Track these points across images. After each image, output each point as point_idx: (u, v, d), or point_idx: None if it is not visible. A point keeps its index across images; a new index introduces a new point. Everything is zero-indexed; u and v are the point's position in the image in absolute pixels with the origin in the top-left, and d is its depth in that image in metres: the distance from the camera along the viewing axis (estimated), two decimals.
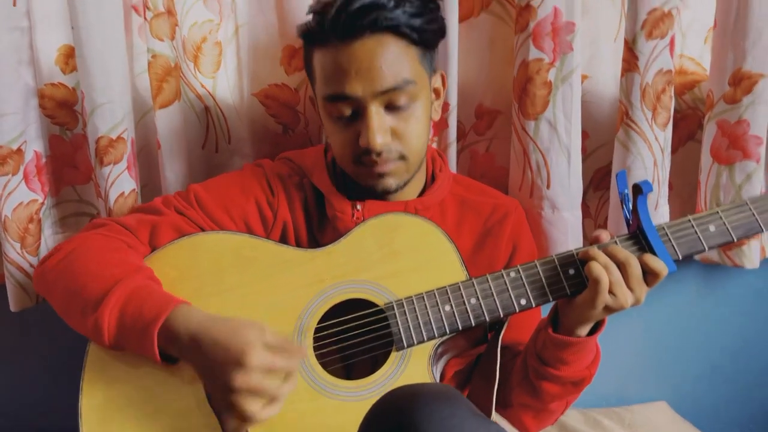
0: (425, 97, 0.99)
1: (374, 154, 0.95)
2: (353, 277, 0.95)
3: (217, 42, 1.21)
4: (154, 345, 0.83)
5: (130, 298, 0.86)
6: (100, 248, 0.94)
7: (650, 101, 1.12)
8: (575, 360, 0.95)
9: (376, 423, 0.67)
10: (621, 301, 0.86)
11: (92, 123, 1.11)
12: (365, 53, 0.92)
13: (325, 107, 0.98)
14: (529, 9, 1.11)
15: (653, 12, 1.09)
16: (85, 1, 1.07)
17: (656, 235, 0.88)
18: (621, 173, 0.92)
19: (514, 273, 0.91)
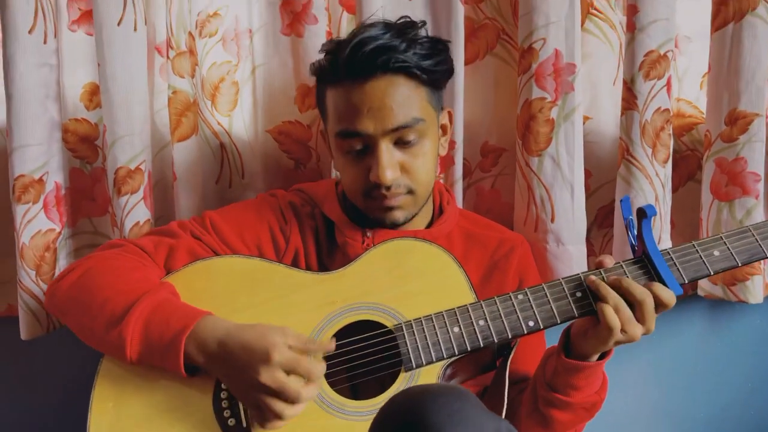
0: (433, 133, 1.04)
1: (383, 188, 0.99)
2: (363, 300, 0.96)
3: (234, 82, 1.27)
4: (180, 354, 0.86)
5: (155, 310, 0.89)
6: (119, 266, 0.97)
7: (650, 138, 1.17)
8: (585, 385, 0.95)
9: (387, 419, 0.67)
10: (632, 336, 0.89)
11: (112, 154, 1.16)
12: (377, 92, 0.96)
13: (337, 143, 1.02)
14: (531, 51, 1.17)
15: (650, 54, 1.14)
16: (111, 41, 1.13)
17: (662, 260, 0.90)
18: (625, 199, 0.95)
19: (522, 296, 0.92)
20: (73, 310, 0.96)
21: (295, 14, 1.20)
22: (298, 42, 1.21)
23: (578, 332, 0.92)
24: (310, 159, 1.27)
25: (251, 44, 1.24)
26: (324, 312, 0.96)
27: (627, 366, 1.41)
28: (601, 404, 0.99)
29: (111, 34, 1.13)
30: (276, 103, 1.25)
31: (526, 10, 1.16)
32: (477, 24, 1.26)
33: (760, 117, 1.17)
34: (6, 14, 1.10)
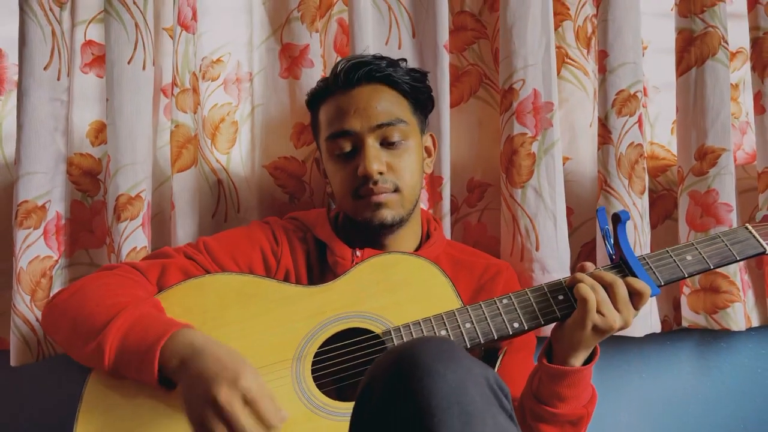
0: (417, 143, 1.13)
1: (371, 182, 1.05)
2: (352, 309, 0.99)
3: (233, 122, 1.35)
4: (154, 363, 0.85)
5: (135, 323, 0.89)
6: (109, 284, 0.99)
7: (625, 170, 1.24)
8: (572, 396, 0.96)
9: (381, 362, 0.68)
10: (610, 321, 0.90)
11: (114, 182, 1.21)
12: (362, 96, 1.09)
13: (328, 147, 1.11)
14: (512, 91, 1.26)
15: (621, 93, 1.24)
16: (121, 78, 1.22)
17: (637, 261, 0.94)
18: (601, 209, 1.00)
19: (506, 300, 0.95)
20: (62, 326, 0.97)
21: (293, 59, 1.30)
22: (295, 84, 1.30)
23: (556, 328, 0.94)
24: (303, 193, 1.32)
25: (251, 86, 1.33)
26: (314, 321, 0.98)
27: (619, 408, 1.40)
28: (588, 419, 0.99)
29: (121, 71, 1.22)
30: (273, 140, 1.32)
31: (506, 54, 1.27)
32: (461, 70, 1.36)
33: (727, 151, 1.25)
34: (25, 50, 1.19)
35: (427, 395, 0.62)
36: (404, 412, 0.62)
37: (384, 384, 0.65)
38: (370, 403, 0.65)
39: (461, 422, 0.60)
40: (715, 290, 1.26)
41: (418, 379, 0.63)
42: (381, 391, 0.65)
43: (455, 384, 0.62)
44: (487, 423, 0.62)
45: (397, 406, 0.63)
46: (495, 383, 0.66)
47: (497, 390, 0.66)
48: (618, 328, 0.91)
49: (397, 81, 1.11)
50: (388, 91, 1.11)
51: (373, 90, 1.10)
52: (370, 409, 0.65)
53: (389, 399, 0.64)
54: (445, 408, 0.61)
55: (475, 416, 0.61)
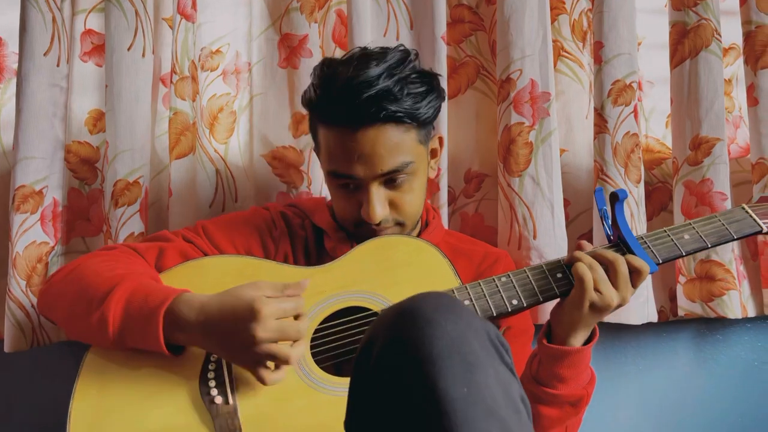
0: (422, 169, 1.07)
1: (374, 225, 1.03)
2: (351, 288, 0.99)
3: (232, 111, 1.36)
4: (159, 329, 0.85)
5: (135, 290, 0.90)
6: (108, 259, 0.99)
7: (621, 158, 1.25)
8: (571, 376, 0.96)
9: (383, 315, 0.68)
10: (607, 299, 0.90)
11: (113, 168, 1.21)
12: (367, 141, 0.98)
13: (329, 178, 1.06)
14: (509, 81, 1.27)
15: (616, 83, 1.25)
16: (121, 64, 1.23)
17: (635, 240, 0.94)
18: (598, 190, 1.00)
19: (504, 278, 0.95)
20: (60, 302, 0.97)
21: (291, 49, 1.31)
22: (294, 73, 1.31)
23: (555, 308, 0.95)
24: (302, 182, 1.33)
25: (250, 76, 1.34)
26: (313, 300, 0.98)
27: (616, 400, 1.40)
28: (588, 400, 0.99)
29: (121, 58, 1.22)
30: (271, 129, 1.32)
31: (504, 45, 1.28)
32: (458, 62, 1.37)
33: (721, 141, 1.26)
34: (25, 36, 1.20)
35: (428, 344, 0.62)
36: (405, 361, 0.62)
37: (385, 335, 0.65)
38: (371, 355, 0.65)
39: (463, 370, 0.60)
40: (711, 278, 1.26)
41: (419, 329, 0.63)
42: (382, 342, 0.65)
43: (456, 335, 0.62)
44: (489, 373, 0.62)
45: (397, 355, 0.63)
46: (496, 337, 0.66)
47: (498, 344, 0.66)
48: (616, 306, 0.92)
49: (403, 120, 0.99)
50: (394, 131, 0.99)
51: (378, 133, 0.98)
52: (372, 361, 0.65)
53: (390, 349, 0.64)
54: (445, 357, 0.61)
55: (477, 366, 0.61)
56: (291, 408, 0.87)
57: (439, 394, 0.59)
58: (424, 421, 0.59)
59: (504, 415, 0.60)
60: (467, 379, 0.60)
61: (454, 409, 0.58)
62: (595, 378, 1.00)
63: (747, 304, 1.31)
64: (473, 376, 0.60)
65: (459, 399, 0.58)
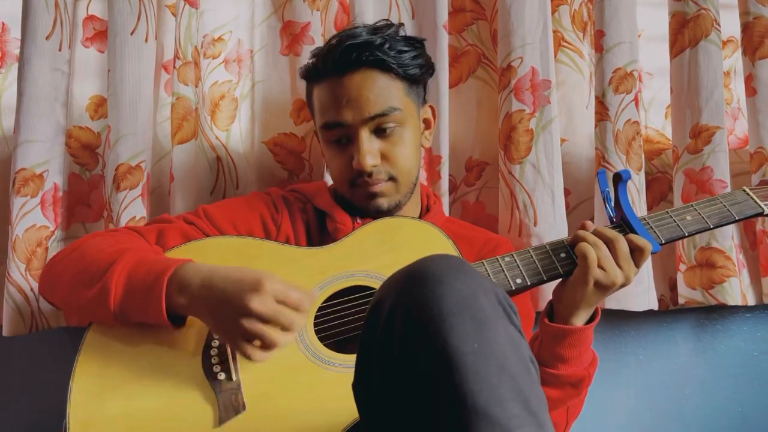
0: (413, 125, 1.10)
1: (366, 175, 1.05)
2: (355, 268, 0.99)
3: (234, 98, 1.36)
4: (161, 293, 0.84)
5: (139, 261, 0.89)
6: (111, 237, 0.99)
7: (623, 146, 1.25)
8: (573, 356, 0.96)
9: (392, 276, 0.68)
10: (611, 277, 0.91)
11: (114, 152, 1.21)
12: (354, 85, 1.04)
13: (323, 135, 1.10)
14: (510, 69, 1.28)
15: (617, 71, 1.26)
16: (123, 48, 1.23)
17: (638, 220, 0.95)
18: (601, 172, 1.01)
19: (508, 258, 0.96)
20: (61, 280, 0.96)
21: (293, 36, 1.31)
22: (296, 61, 1.31)
23: (558, 288, 0.95)
24: (303, 170, 1.33)
25: (252, 63, 1.34)
26: (315, 280, 0.98)
27: (617, 391, 1.40)
28: (589, 381, 0.99)
29: (124, 42, 1.23)
30: (273, 116, 1.32)
31: (505, 33, 1.29)
32: (460, 51, 1.38)
33: (721, 129, 1.27)
34: (28, 20, 1.20)
35: (438, 301, 0.62)
36: (415, 319, 0.62)
37: (395, 296, 0.65)
38: (380, 316, 0.65)
39: (473, 327, 0.60)
40: (712, 265, 1.27)
41: (429, 288, 0.63)
42: (392, 302, 0.65)
43: (466, 293, 0.62)
44: (499, 331, 0.62)
45: (407, 314, 0.63)
46: (504, 300, 0.66)
47: (506, 306, 0.66)
48: (620, 285, 0.92)
49: (389, 65, 1.05)
50: (380, 76, 1.05)
51: (365, 77, 1.05)
52: (381, 321, 0.65)
53: (400, 308, 0.64)
54: (456, 313, 0.61)
55: (487, 323, 0.61)
56: (295, 384, 0.87)
57: (450, 349, 0.59)
58: (434, 376, 0.59)
59: (515, 372, 0.60)
60: (478, 335, 0.60)
61: (464, 363, 0.58)
62: (597, 360, 1.00)
63: (747, 293, 1.31)
64: (483, 333, 0.60)
65: (470, 353, 0.58)
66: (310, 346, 0.91)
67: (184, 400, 0.85)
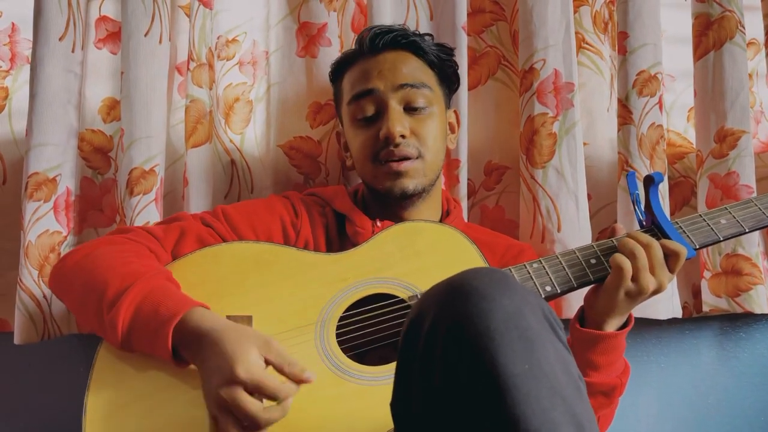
0: (441, 111, 1.11)
1: (392, 145, 1.03)
2: (376, 275, 0.96)
3: (248, 101, 1.33)
4: (167, 342, 0.81)
5: (147, 297, 0.85)
6: (123, 250, 0.95)
7: (647, 150, 1.22)
8: (605, 363, 0.93)
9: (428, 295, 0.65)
10: (644, 285, 0.88)
11: (128, 156, 1.19)
12: (387, 60, 1.09)
13: (350, 112, 1.10)
14: (532, 71, 1.25)
15: (641, 73, 1.23)
16: (137, 50, 1.21)
17: (670, 224, 0.92)
18: (631, 174, 0.98)
19: (536, 264, 0.93)
20: (72, 290, 0.93)
21: (310, 37, 1.29)
22: (312, 62, 1.29)
23: (589, 293, 0.92)
24: (319, 174, 1.30)
25: (267, 65, 1.31)
26: (336, 287, 0.95)
27: (638, 400, 1.37)
28: (621, 390, 0.96)
29: (137, 44, 1.20)
30: (288, 119, 1.30)
31: (527, 35, 1.26)
32: (479, 52, 1.35)
33: (747, 134, 1.24)
34: (40, 20, 1.18)
35: (484, 318, 0.58)
36: (460, 336, 0.59)
37: (436, 311, 0.62)
38: (421, 332, 0.62)
39: (522, 346, 0.57)
40: (738, 273, 1.24)
41: (473, 303, 0.60)
42: (433, 318, 0.61)
43: (512, 309, 0.59)
44: (548, 349, 0.59)
45: (451, 331, 0.60)
46: (550, 314, 0.63)
47: (552, 321, 0.63)
48: (652, 292, 0.89)
49: (424, 49, 1.11)
50: (414, 59, 1.11)
51: (399, 55, 1.09)
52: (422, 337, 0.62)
53: (443, 325, 0.61)
54: (503, 331, 0.58)
55: (536, 342, 0.58)
56: (319, 398, 0.84)
57: (499, 369, 0.56)
58: (483, 398, 0.56)
59: (567, 393, 0.57)
60: (527, 355, 0.57)
61: (515, 385, 0.55)
62: (629, 368, 0.98)
63: None
64: (533, 353, 0.57)
65: (520, 375, 0.55)
66: (333, 357, 0.88)
67: (201, 419, 0.82)
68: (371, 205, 1.13)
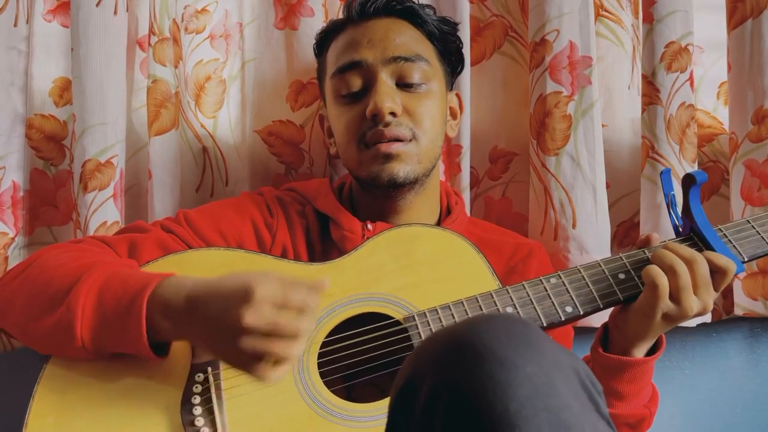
0: (440, 91, 0.96)
1: (381, 124, 0.88)
2: (367, 290, 0.82)
3: (221, 80, 1.18)
4: (141, 321, 0.68)
5: (110, 277, 0.72)
6: (73, 250, 0.82)
7: (676, 134, 1.07)
8: (632, 392, 0.80)
9: (424, 352, 0.50)
10: (686, 308, 0.74)
11: (80, 145, 1.04)
12: (379, 27, 0.93)
13: (333, 87, 0.94)
14: (544, 43, 1.09)
15: (670, 45, 1.07)
16: (88, 23, 1.05)
17: (714, 233, 0.77)
18: (665, 171, 0.83)
19: (554, 279, 0.78)
20: (13, 304, 0.79)
21: (289, 6, 1.12)
22: (292, 35, 1.13)
23: (616, 311, 0.78)
24: (302, 163, 1.15)
25: (241, 38, 1.15)
26: (321, 305, 0.80)
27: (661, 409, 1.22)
28: (650, 422, 0.83)
29: (88, 15, 1.04)
30: (266, 101, 1.14)
31: (537, 2, 1.10)
32: (483, 23, 1.19)
33: None
34: None
35: (503, 396, 0.43)
36: (469, 419, 0.44)
37: (436, 376, 0.47)
38: (415, 402, 0.47)
39: None
40: None
41: (486, 372, 0.45)
42: (432, 385, 0.46)
43: (540, 380, 0.44)
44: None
45: (458, 409, 0.45)
46: (587, 378, 0.48)
47: (591, 388, 0.48)
48: (694, 315, 0.75)
49: (422, 17, 0.95)
50: (410, 28, 0.95)
51: (393, 23, 0.94)
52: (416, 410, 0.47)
53: (445, 398, 0.46)
54: (529, 416, 0.43)
55: (572, 426, 0.43)
56: None
57: None
58: None
59: None
60: None
61: None
62: (657, 395, 0.85)
63: None
64: None
65: None
66: (314, 391, 0.74)
67: None
68: (359, 202, 0.98)
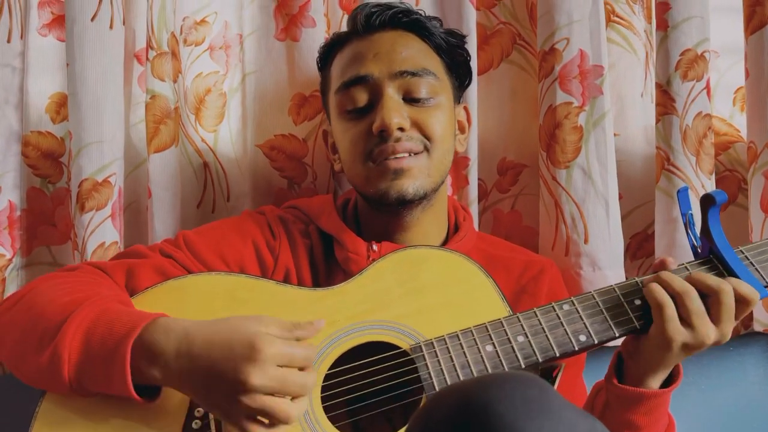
0: (448, 105, 0.93)
1: (390, 140, 0.85)
2: (371, 317, 0.79)
3: (221, 93, 1.14)
4: (125, 364, 0.66)
5: (98, 317, 0.70)
6: (66, 282, 0.79)
7: (692, 145, 1.03)
8: (647, 424, 0.76)
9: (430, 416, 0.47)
10: (701, 336, 0.70)
11: (77, 164, 1.01)
12: (385, 40, 0.91)
13: (338, 103, 0.92)
14: (553, 52, 1.05)
15: (686, 53, 1.04)
16: (83, 37, 1.02)
17: (736, 257, 0.74)
18: (683, 190, 0.79)
19: (567, 306, 0.75)
20: (5, 340, 0.77)
21: (291, 17, 1.09)
22: (294, 47, 1.09)
23: (631, 339, 0.75)
24: (305, 177, 1.12)
25: (242, 50, 1.12)
26: (324, 334, 0.78)
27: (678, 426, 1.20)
28: None
29: (83, 30, 1.01)
30: (268, 114, 1.11)
31: (546, 8, 1.06)
32: (490, 30, 1.15)
33: None
34: None
35: None
36: None
37: None
38: None
39: None
40: None
41: None
42: None
43: None
44: None
45: None
46: None
47: None
48: (712, 344, 0.71)
49: (430, 30, 0.92)
50: (416, 41, 0.93)
51: (399, 36, 0.92)
52: None
53: None
54: None
55: None
56: None
57: None
58: None
59: None
60: None
61: None
62: (674, 424, 0.81)
63: None
64: None
65: None
66: (316, 424, 0.71)
67: None
68: (365, 219, 0.95)
